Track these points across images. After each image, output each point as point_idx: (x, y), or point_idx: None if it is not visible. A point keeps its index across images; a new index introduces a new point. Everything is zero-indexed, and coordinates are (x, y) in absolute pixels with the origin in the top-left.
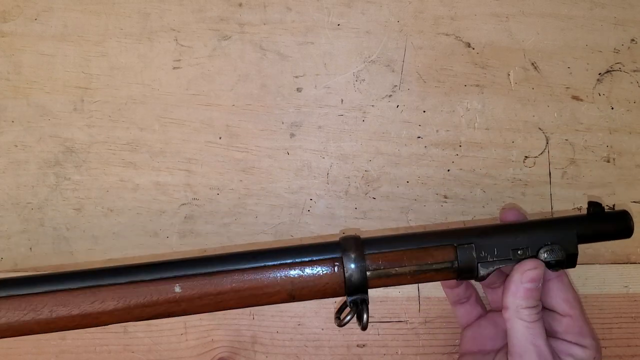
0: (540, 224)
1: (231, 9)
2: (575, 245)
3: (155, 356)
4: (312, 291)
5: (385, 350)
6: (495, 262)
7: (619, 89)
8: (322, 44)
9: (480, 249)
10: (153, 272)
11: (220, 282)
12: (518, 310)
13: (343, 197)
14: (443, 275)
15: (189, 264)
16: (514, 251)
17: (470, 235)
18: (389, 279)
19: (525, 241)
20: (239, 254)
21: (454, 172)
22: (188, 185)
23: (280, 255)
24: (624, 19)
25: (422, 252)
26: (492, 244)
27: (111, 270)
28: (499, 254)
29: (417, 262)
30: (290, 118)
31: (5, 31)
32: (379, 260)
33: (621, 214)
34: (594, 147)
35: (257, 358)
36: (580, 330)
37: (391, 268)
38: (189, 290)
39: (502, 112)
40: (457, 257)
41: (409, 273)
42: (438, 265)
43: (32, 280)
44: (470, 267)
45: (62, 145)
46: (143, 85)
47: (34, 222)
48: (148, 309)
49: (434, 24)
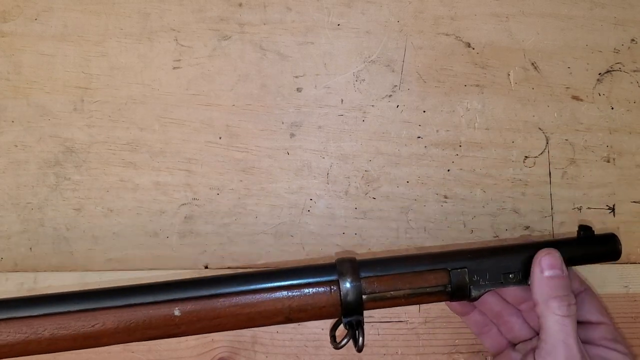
0: (531, 247)
1: (231, 9)
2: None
3: (155, 356)
4: (308, 314)
5: (385, 350)
6: (487, 285)
7: (619, 89)
8: (322, 44)
9: (473, 273)
10: (153, 294)
11: (218, 305)
12: (547, 302)
13: (343, 197)
14: (436, 297)
15: (187, 285)
16: (505, 275)
17: (463, 259)
18: (383, 301)
19: (517, 265)
20: (236, 276)
21: (454, 172)
22: (188, 185)
23: (277, 278)
24: (624, 19)
25: (416, 276)
26: (484, 267)
27: (111, 291)
28: (491, 277)
29: (411, 286)
30: (290, 118)
31: (5, 31)
32: (374, 283)
33: (609, 237)
34: (594, 147)
35: (257, 358)
36: (615, 337)
37: (386, 292)
38: (188, 313)
39: (502, 112)
40: (450, 281)
41: (403, 296)
42: (432, 289)
43: (33, 301)
44: (462, 289)
45: (62, 145)
46: (143, 85)
47: (34, 222)
48: (148, 331)
49: (434, 24)
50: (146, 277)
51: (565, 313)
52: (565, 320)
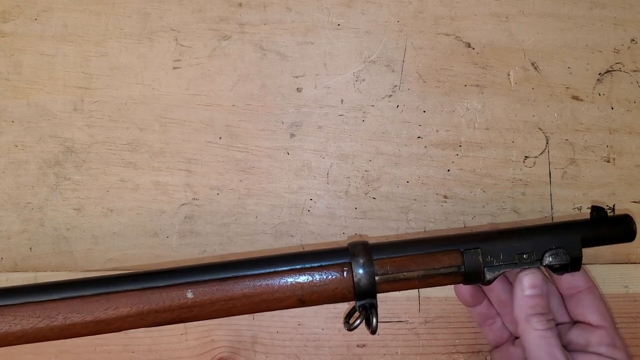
0: (545, 228)
1: (231, 9)
2: (579, 249)
3: (155, 356)
4: (321, 296)
5: (385, 350)
6: (501, 267)
7: (619, 89)
8: (322, 44)
9: (487, 254)
10: (165, 278)
11: (232, 287)
12: (528, 319)
13: (343, 197)
14: (450, 279)
15: (200, 270)
16: (519, 255)
17: (476, 240)
18: (397, 283)
19: (530, 246)
20: (249, 260)
21: (454, 172)
22: (188, 185)
23: (290, 261)
24: (624, 19)
25: (429, 257)
26: (497, 248)
27: (124, 277)
28: (505, 259)
29: (425, 266)
30: (290, 118)
31: (5, 31)
32: (387, 265)
33: (624, 218)
34: (594, 147)
35: (257, 358)
36: (613, 342)
37: (399, 273)
38: (200, 295)
39: (502, 112)
40: (463, 261)
41: (417, 277)
42: (445, 270)
43: (46, 287)
44: (476, 271)
45: (62, 145)
46: (143, 85)
47: (34, 222)
48: (161, 314)
49: (434, 24)
50: None
51: (545, 327)
52: (546, 333)
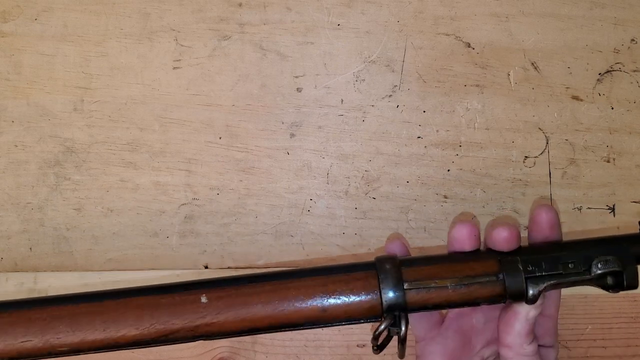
0: (588, 240)
1: (231, 9)
2: (633, 259)
3: (156, 356)
4: (345, 304)
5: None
6: (544, 278)
7: (619, 89)
8: (322, 44)
9: (527, 262)
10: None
11: (248, 290)
12: (522, 346)
13: (343, 197)
14: (488, 289)
15: (218, 280)
16: (564, 264)
17: (515, 251)
18: (428, 293)
19: (575, 254)
20: (269, 274)
21: (454, 172)
22: (188, 185)
23: (312, 271)
24: (624, 19)
25: (461, 264)
26: (538, 257)
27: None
28: (548, 268)
29: (458, 274)
30: (290, 118)
31: (5, 31)
32: (416, 273)
33: None
34: (594, 147)
35: (257, 358)
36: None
37: (430, 280)
38: (215, 300)
39: (502, 112)
40: (501, 269)
41: (450, 287)
42: (482, 279)
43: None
44: (517, 280)
45: (62, 145)
46: (143, 85)
47: (34, 222)
48: (172, 321)
49: (434, 24)
50: (146, 277)
51: (534, 352)
52: (534, 357)
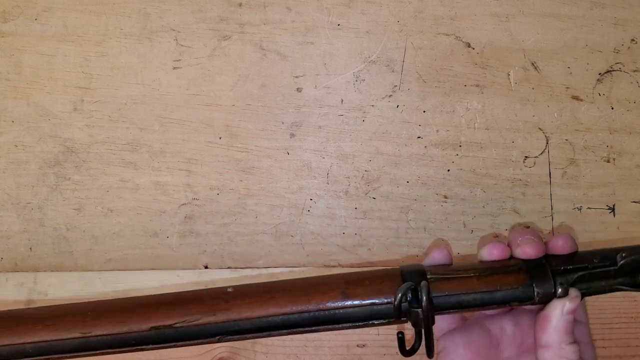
0: (615, 249)
1: (231, 9)
2: None
3: (156, 356)
4: (367, 290)
5: (385, 350)
6: (572, 271)
7: (619, 89)
8: (322, 44)
9: (550, 260)
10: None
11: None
12: (561, 346)
13: (343, 197)
14: (513, 277)
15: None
16: (589, 259)
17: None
18: (452, 282)
19: (600, 252)
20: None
21: (454, 172)
22: (188, 185)
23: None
24: (624, 19)
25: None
26: (563, 256)
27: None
28: (575, 262)
29: (482, 265)
30: (290, 118)
31: (5, 31)
32: (439, 268)
33: None
34: (594, 147)
35: (257, 358)
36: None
37: (453, 271)
38: (239, 289)
39: (502, 112)
40: (528, 270)
41: (475, 276)
42: (505, 269)
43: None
44: (542, 270)
45: (62, 145)
46: (143, 85)
47: (34, 222)
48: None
49: (434, 24)
50: (146, 277)
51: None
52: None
